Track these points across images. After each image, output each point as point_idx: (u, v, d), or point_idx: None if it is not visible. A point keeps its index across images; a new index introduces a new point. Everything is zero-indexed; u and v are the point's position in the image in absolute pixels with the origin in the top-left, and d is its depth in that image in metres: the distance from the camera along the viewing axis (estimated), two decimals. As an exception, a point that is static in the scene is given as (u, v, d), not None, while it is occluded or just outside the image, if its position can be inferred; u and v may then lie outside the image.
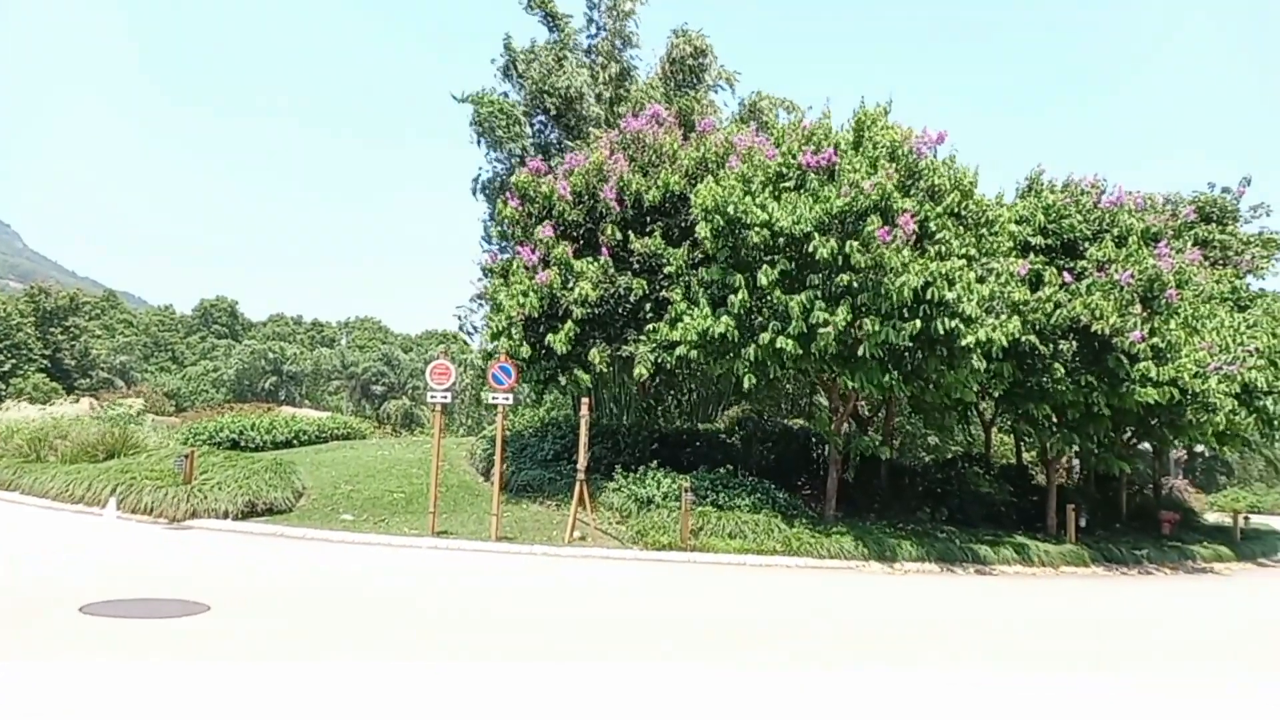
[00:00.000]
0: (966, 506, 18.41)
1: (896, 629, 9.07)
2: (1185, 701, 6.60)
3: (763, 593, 10.94)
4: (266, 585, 9.24)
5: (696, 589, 10.85)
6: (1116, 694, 6.66)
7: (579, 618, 8.45)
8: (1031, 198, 17.84)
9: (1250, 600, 13.57)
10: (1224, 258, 21.05)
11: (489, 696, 5.51)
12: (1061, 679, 7.03)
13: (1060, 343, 15.26)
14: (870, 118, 15.67)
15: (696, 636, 7.88)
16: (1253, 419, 17.26)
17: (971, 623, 9.82)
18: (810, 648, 7.66)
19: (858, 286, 13.67)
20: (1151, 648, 8.97)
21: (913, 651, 7.79)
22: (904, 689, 6.34)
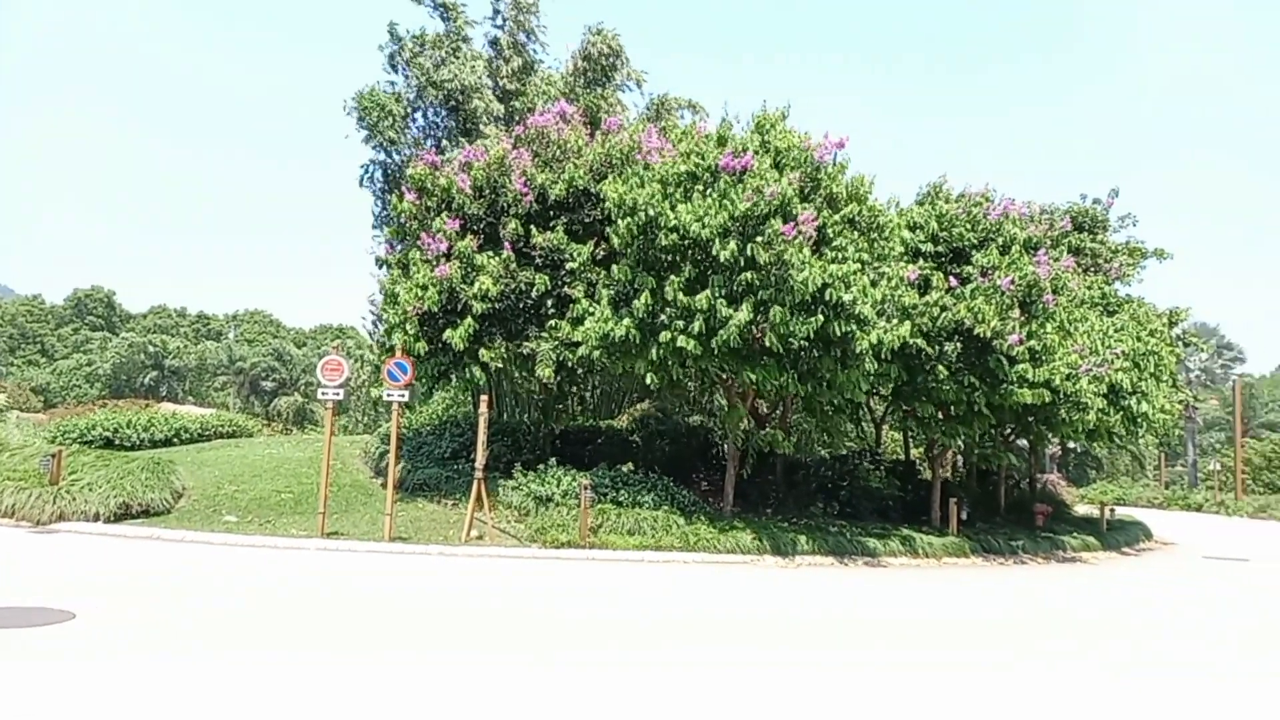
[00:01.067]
0: (858, 501, 19.03)
1: (789, 621, 9.29)
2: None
3: (655, 588, 11.01)
4: (138, 590, 8.73)
5: (587, 585, 10.84)
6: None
7: (447, 613, 8.32)
8: (929, 205, 18.56)
9: (1048, 590, 14.48)
10: (1095, 265, 22.43)
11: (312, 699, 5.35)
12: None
13: (946, 345, 15.93)
14: (770, 121, 15.97)
15: (575, 633, 7.87)
16: (1119, 417, 18.41)
17: (828, 608, 10.15)
18: (700, 641, 7.76)
19: (759, 283, 13.91)
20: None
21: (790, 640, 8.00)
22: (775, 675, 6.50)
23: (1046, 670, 7.42)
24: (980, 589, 13.07)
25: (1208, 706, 6.47)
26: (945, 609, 10.94)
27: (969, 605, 11.42)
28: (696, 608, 9.82)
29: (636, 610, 9.37)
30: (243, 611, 8.02)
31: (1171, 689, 6.98)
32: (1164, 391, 20.26)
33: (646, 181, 14.86)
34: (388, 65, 24.39)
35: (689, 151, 15.28)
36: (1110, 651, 8.51)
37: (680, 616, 9.16)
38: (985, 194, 18.55)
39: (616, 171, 16.20)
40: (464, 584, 10.51)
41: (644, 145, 16.23)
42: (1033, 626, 9.92)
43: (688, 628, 8.51)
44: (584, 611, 9.13)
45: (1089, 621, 10.54)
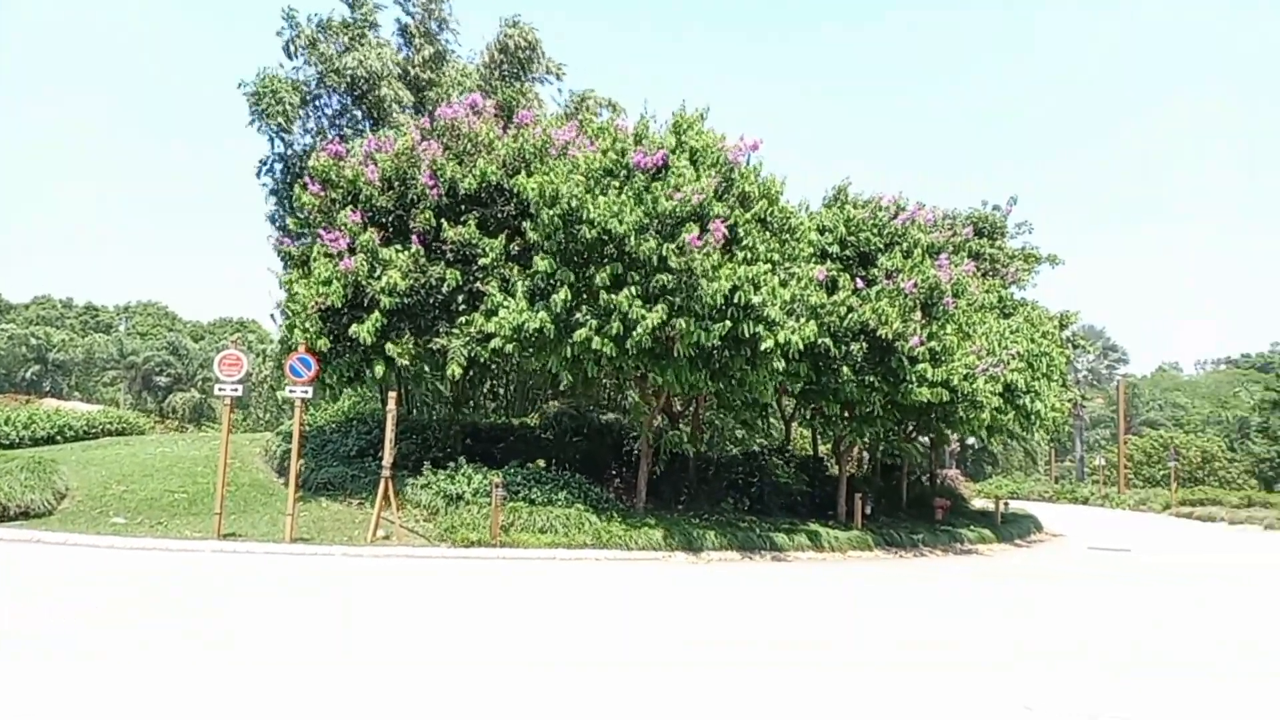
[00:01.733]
0: (767, 496, 19.39)
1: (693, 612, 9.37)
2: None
3: (563, 586, 10.97)
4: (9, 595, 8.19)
5: (489, 584, 10.72)
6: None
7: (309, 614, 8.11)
8: (836, 208, 18.99)
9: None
10: (993, 269, 23.43)
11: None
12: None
13: (851, 345, 16.35)
14: (688, 121, 16.07)
15: (463, 632, 7.78)
16: (1014, 415, 19.27)
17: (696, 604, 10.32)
18: (600, 637, 7.76)
19: (673, 287, 14.01)
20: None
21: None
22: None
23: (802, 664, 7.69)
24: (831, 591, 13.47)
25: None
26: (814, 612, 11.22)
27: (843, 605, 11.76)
28: (611, 602, 9.82)
29: (544, 609, 9.30)
30: (102, 615, 7.61)
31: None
32: (1055, 391, 21.30)
33: (569, 174, 14.75)
34: (285, 52, 23.56)
35: (607, 148, 15.25)
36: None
37: (591, 616, 9.14)
38: (898, 201, 19.07)
39: (529, 167, 16.04)
40: (364, 584, 10.25)
41: (558, 140, 16.13)
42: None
43: (591, 627, 8.49)
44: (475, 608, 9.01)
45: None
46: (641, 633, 8.23)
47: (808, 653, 7.65)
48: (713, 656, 7.29)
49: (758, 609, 10.20)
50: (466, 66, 25.69)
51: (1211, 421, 69.55)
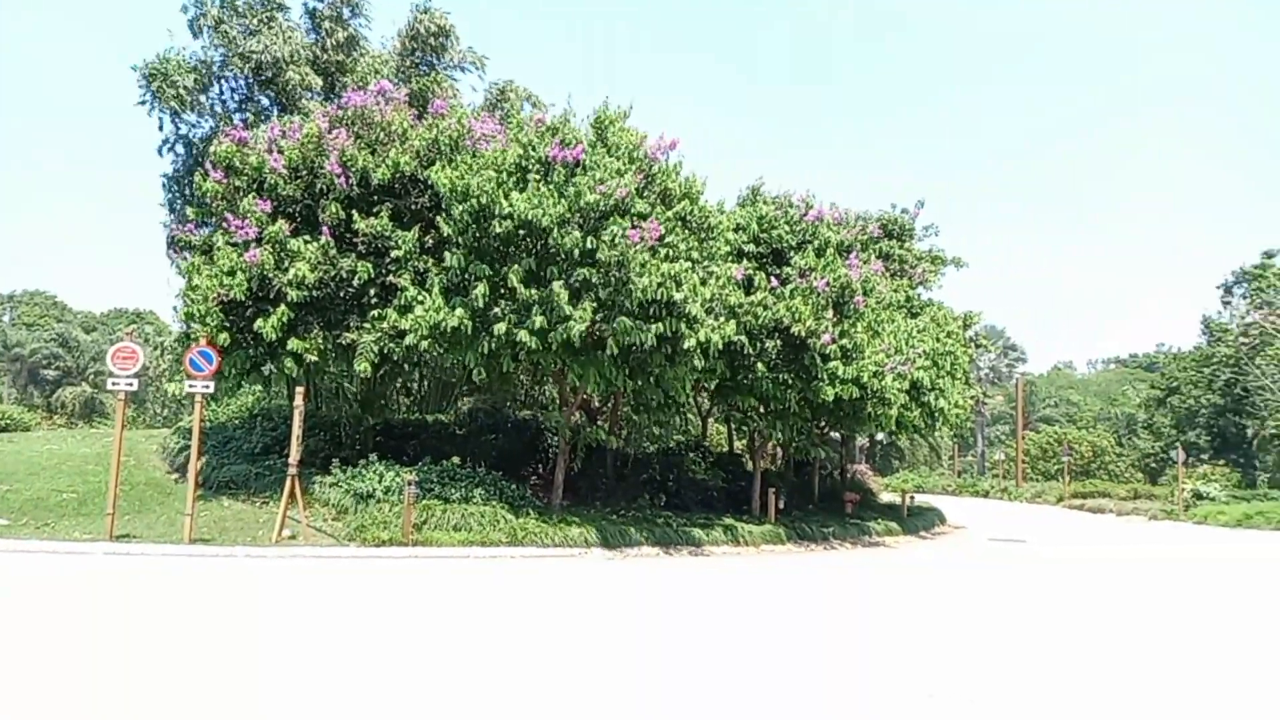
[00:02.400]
0: (684, 492, 19.56)
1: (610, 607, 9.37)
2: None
3: (476, 584, 10.83)
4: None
5: (402, 585, 10.51)
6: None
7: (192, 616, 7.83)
8: (749, 207, 19.25)
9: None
10: (901, 270, 24.13)
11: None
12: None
13: (766, 342, 16.61)
14: (610, 119, 16.03)
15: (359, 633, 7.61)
16: (919, 412, 19.90)
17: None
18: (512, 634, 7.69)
19: (599, 282, 13.97)
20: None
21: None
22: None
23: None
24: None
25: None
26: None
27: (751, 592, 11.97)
28: (523, 600, 9.73)
29: (458, 607, 9.15)
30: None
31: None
32: (958, 388, 22.09)
33: (479, 168, 14.53)
34: (190, 30, 22.50)
35: (526, 142, 15.11)
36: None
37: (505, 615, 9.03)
38: (806, 200, 19.46)
39: (446, 158, 15.75)
40: (264, 584, 9.89)
41: (476, 131, 15.89)
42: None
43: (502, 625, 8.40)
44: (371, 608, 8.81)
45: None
46: (548, 633, 8.18)
47: (719, 647, 7.73)
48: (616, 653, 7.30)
49: (669, 603, 10.27)
50: (381, 53, 25.01)
51: (1102, 418, 73.44)
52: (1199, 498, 36.31)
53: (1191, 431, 49.16)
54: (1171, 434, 50.39)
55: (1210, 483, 39.26)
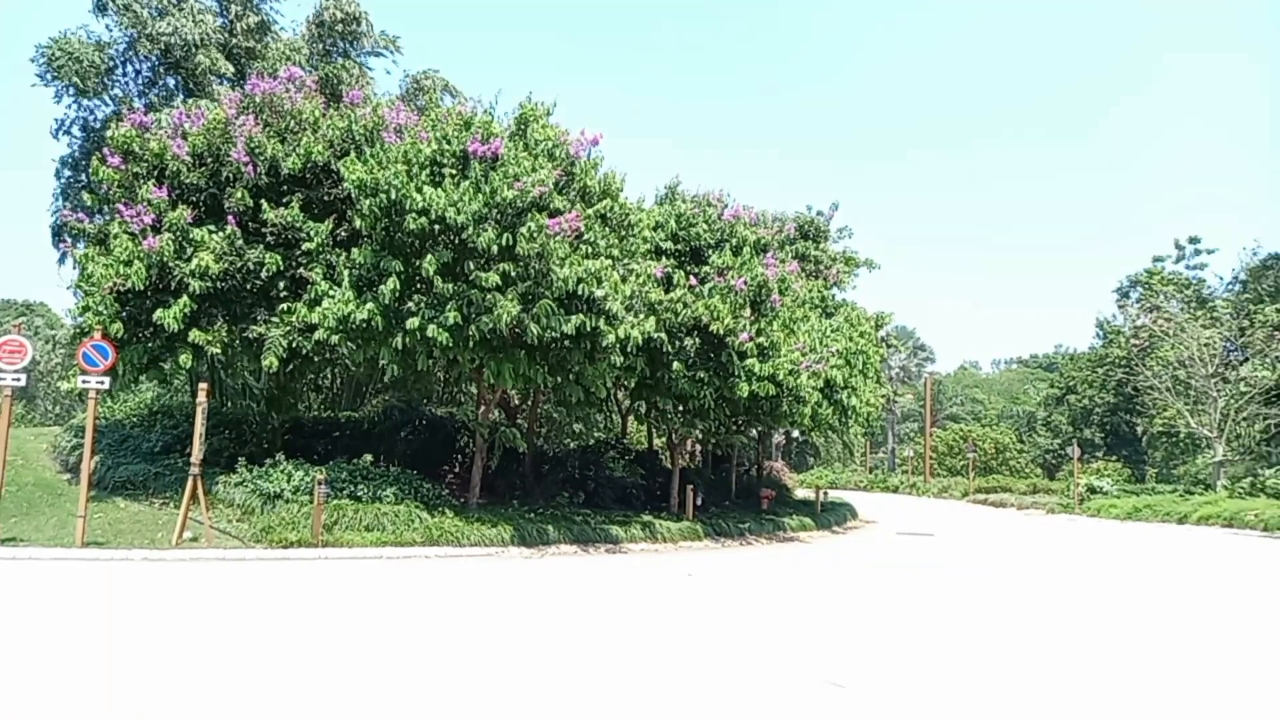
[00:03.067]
0: (603, 489, 19.56)
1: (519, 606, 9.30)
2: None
3: (384, 585, 10.60)
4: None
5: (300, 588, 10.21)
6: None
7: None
8: (668, 205, 19.38)
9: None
10: (816, 270, 24.68)
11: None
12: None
13: (685, 340, 16.75)
14: (533, 114, 15.89)
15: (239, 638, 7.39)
16: (832, 409, 20.38)
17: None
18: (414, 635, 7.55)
19: (519, 276, 13.82)
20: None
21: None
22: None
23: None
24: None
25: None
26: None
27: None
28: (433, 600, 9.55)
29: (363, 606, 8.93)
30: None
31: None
32: (870, 387, 22.71)
33: (389, 162, 14.22)
34: (95, 9, 21.38)
35: (443, 136, 14.85)
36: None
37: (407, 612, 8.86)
38: (721, 197, 19.71)
39: (360, 149, 15.37)
40: (157, 588, 9.46)
41: (391, 122, 15.54)
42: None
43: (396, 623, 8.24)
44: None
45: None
46: (459, 631, 8.07)
47: (632, 641, 7.75)
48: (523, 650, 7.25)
49: (577, 600, 10.25)
50: (293, 40, 24.24)
51: (1005, 415, 76.61)
52: (1093, 492, 38.20)
53: (1087, 429, 51.74)
54: (1068, 431, 52.92)
55: (1103, 478, 41.36)
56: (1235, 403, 35.19)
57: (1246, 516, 28.00)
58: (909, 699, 6.09)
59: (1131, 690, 6.75)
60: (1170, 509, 31.71)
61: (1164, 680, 7.18)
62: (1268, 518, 27.02)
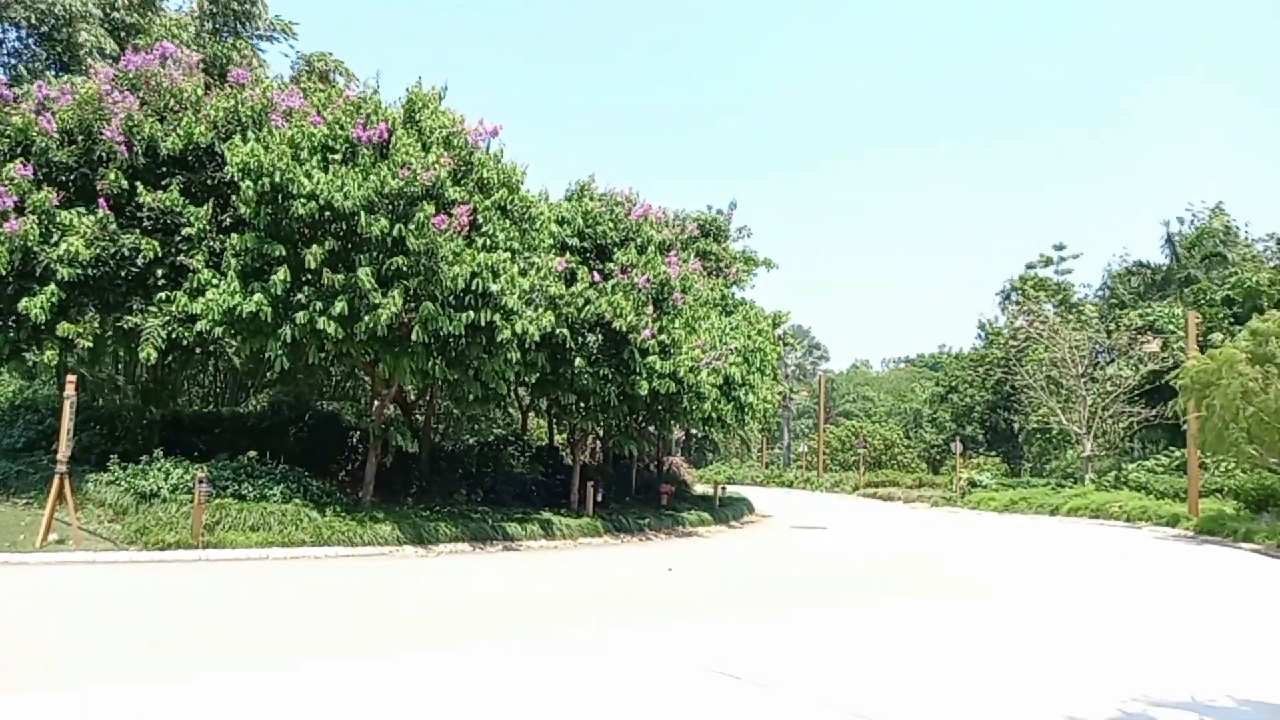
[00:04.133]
0: (502, 486, 19.30)
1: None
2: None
3: (260, 585, 10.20)
4: None
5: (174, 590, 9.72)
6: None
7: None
8: (577, 202, 19.28)
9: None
10: (716, 269, 25.04)
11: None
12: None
13: (587, 336, 16.71)
14: (423, 100, 15.51)
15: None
16: (731, 406, 20.70)
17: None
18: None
19: (409, 271, 13.48)
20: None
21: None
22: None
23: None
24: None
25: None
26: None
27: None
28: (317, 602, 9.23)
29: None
30: None
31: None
32: (767, 384, 23.18)
33: (274, 144, 13.64)
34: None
35: (334, 120, 14.34)
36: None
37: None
38: (629, 196, 19.73)
39: (246, 131, 14.69)
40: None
41: (280, 105, 14.91)
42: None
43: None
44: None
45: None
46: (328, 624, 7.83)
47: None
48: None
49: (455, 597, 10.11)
50: (182, 18, 22.94)
51: (893, 413, 79.45)
52: (974, 485, 40.15)
53: (969, 426, 54.26)
54: (952, 428, 55.37)
55: (983, 472, 43.52)
56: (1102, 401, 37.59)
57: (1111, 508, 29.95)
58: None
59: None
60: (1044, 501, 33.63)
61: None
62: (1130, 509, 28.98)
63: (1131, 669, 7.60)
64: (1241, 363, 21.06)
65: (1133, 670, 7.53)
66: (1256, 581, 15.30)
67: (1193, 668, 7.78)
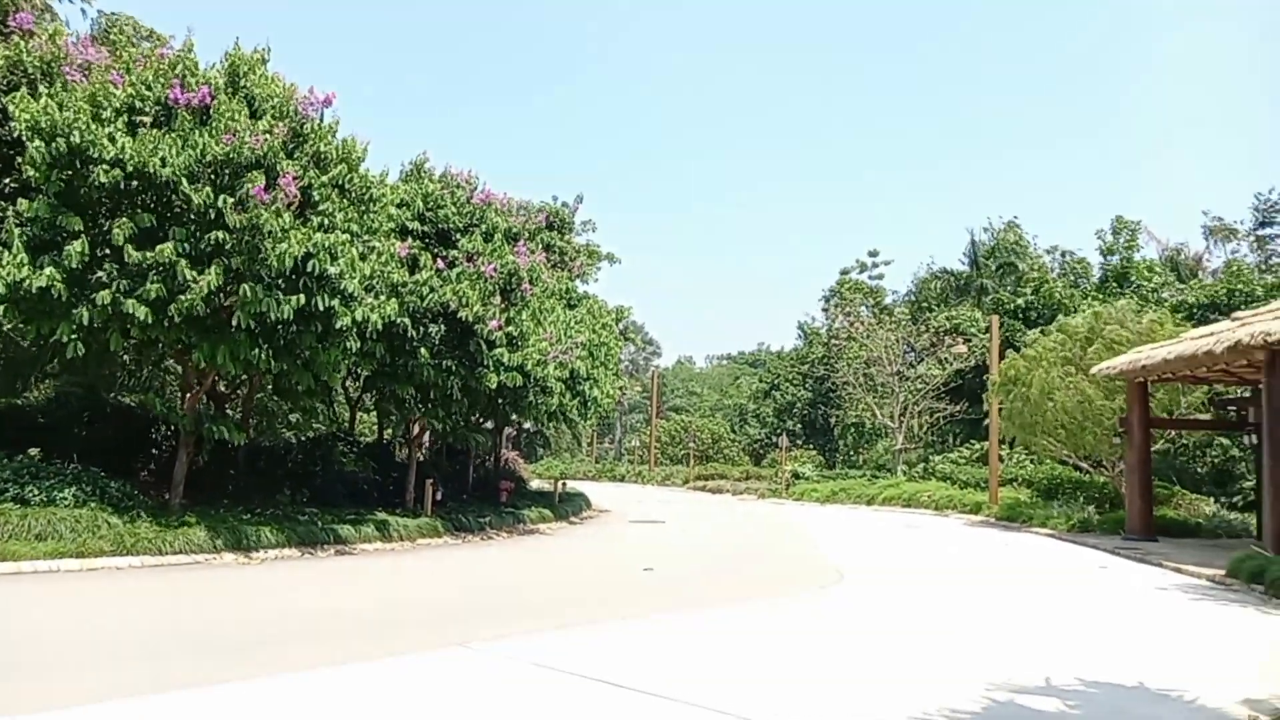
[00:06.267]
0: (331, 486, 18.04)
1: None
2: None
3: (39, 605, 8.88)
4: None
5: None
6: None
7: None
8: (414, 183, 18.25)
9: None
10: (562, 261, 24.65)
11: None
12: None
13: (430, 326, 15.87)
14: (246, 63, 14.14)
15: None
16: (576, 401, 20.42)
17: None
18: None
19: (232, 248, 12.21)
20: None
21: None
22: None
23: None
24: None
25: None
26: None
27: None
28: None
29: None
30: None
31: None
32: (610, 378, 23.08)
33: (70, 102, 11.97)
34: None
35: (143, 80, 12.78)
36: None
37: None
38: (469, 179, 18.96)
39: (34, 85, 12.81)
40: None
41: (75, 56, 13.13)
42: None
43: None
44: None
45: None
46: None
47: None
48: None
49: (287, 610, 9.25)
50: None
51: (718, 407, 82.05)
52: (798, 477, 42.01)
53: (789, 420, 56.85)
54: (774, 422, 57.83)
55: (805, 464, 45.65)
56: (913, 398, 40.37)
57: (921, 497, 32.16)
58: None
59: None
60: (861, 491, 35.67)
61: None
62: (938, 498, 31.22)
63: (985, 651, 8.01)
64: (1048, 362, 23.13)
65: (986, 652, 7.92)
66: (1057, 561, 16.82)
67: (1035, 647, 8.28)
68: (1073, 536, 21.20)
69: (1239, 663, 8.04)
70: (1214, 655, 8.43)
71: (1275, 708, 6.02)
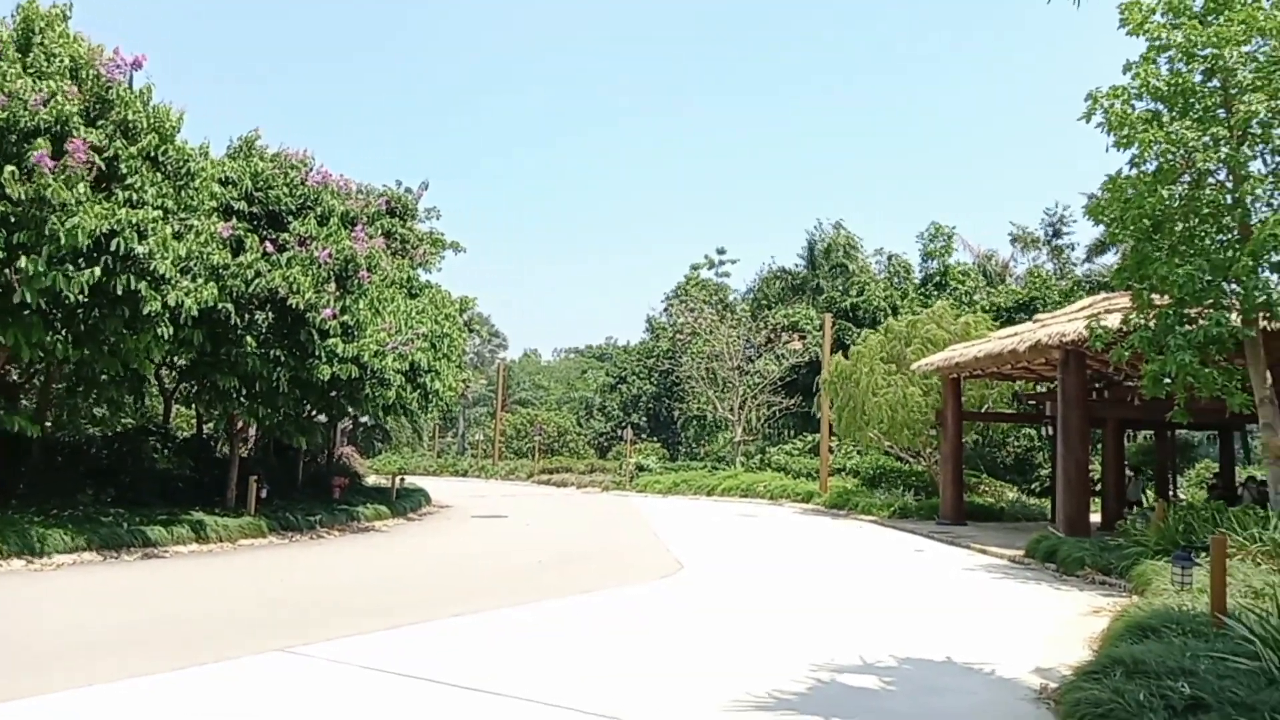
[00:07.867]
0: (140, 484, 16.67)
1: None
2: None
3: None
4: None
5: None
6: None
7: None
8: (242, 160, 17.03)
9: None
10: (403, 249, 23.76)
11: None
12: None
13: (257, 313, 14.91)
14: (44, 19, 12.77)
15: None
16: (417, 394, 19.76)
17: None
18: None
19: (15, 221, 10.99)
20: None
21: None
22: None
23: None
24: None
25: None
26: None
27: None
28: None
29: None
30: None
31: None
32: (453, 371, 22.49)
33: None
34: None
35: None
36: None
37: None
38: (304, 158, 17.95)
39: None
40: None
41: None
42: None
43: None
44: None
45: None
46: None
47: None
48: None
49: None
50: None
51: (564, 400, 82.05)
52: (641, 469, 42.62)
53: (636, 414, 57.63)
54: (620, 416, 58.45)
55: (649, 457, 46.39)
56: (751, 391, 41.84)
57: (757, 487, 33.41)
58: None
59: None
60: (702, 483, 36.63)
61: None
62: (773, 488, 32.53)
63: (809, 632, 8.39)
64: (873, 360, 24.53)
65: (811, 634, 8.30)
66: (877, 546, 17.92)
67: (855, 628, 8.75)
68: (893, 522, 22.63)
69: (1033, 635, 8.81)
70: (1012, 630, 9.20)
71: (1062, 675, 6.61)
